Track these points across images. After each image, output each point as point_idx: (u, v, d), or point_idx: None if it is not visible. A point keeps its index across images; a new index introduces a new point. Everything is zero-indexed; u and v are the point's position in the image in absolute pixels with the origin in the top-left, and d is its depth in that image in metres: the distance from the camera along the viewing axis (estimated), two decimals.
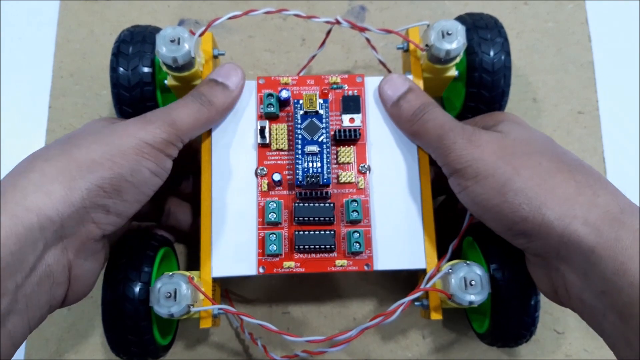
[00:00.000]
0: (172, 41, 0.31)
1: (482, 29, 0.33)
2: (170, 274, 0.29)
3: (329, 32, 0.36)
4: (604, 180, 0.26)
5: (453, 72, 0.33)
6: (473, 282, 0.28)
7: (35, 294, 0.25)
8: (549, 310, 0.38)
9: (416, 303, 0.32)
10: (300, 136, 0.32)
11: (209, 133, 0.32)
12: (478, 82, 0.33)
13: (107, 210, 0.27)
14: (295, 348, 0.36)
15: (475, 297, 0.28)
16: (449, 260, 0.31)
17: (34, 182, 0.24)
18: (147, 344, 0.30)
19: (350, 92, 0.33)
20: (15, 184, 0.24)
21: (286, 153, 0.32)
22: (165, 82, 0.33)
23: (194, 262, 0.39)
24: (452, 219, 0.35)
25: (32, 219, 0.23)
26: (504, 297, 0.30)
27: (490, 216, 0.27)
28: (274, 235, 0.30)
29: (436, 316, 0.31)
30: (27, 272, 0.24)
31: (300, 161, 0.31)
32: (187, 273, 0.30)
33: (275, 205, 0.31)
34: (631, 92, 0.42)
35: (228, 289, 0.38)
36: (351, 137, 0.31)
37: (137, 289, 0.29)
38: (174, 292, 0.29)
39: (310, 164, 0.31)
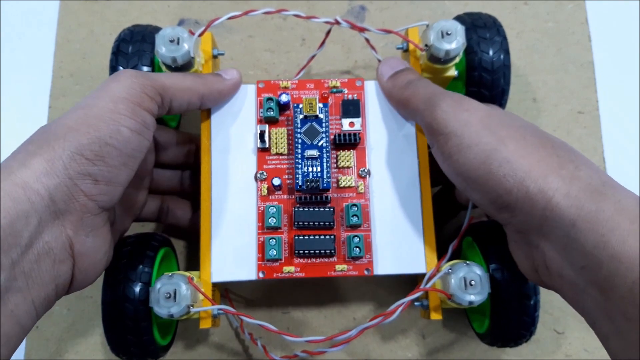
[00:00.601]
0: (172, 41, 0.31)
1: (480, 28, 0.33)
2: (170, 274, 0.29)
3: (328, 32, 0.36)
4: (585, 157, 0.26)
5: (453, 72, 0.33)
6: (473, 282, 0.28)
7: (35, 272, 0.24)
8: (549, 310, 0.38)
9: (416, 303, 0.32)
10: (300, 140, 0.32)
11: (208, 136, 0.32)
12: (478, 81, 0.33)
13: (95, 180, 0.26)
14: (295, 348, 0.36)
15: (475, 297, 0.28)
16: (449, 260, 0.31)
17: (19, 160, 0.25)
18: (146, 344, 0.30)
19: (350, 96, 0.33)
20: (3, 165, 0.25)
21: (286, 157, 0.32)
22: None
23: (194, 262, 0.39)
24: (448, 209, 0.35)
25: (19, 192, 0.24)
26: (503, 297, 0.30)
27: (474, 188, 0.27)
28: (274, 240, 0.30)
29: (436, 316, 0.31)
30: (22, 248, 0.24)
31: (300, 165, 0.31)
32: (187, 273, 0.30)
33: (275, 209, 0.31)
34: (631, 92, 0.42)
35: (228, 289, 0.38)
36: (351, 141, 0.31)
37: (137, 290, 0.29)
38: (173, 292, 0.29)
39: (310, 169, 0.31)
